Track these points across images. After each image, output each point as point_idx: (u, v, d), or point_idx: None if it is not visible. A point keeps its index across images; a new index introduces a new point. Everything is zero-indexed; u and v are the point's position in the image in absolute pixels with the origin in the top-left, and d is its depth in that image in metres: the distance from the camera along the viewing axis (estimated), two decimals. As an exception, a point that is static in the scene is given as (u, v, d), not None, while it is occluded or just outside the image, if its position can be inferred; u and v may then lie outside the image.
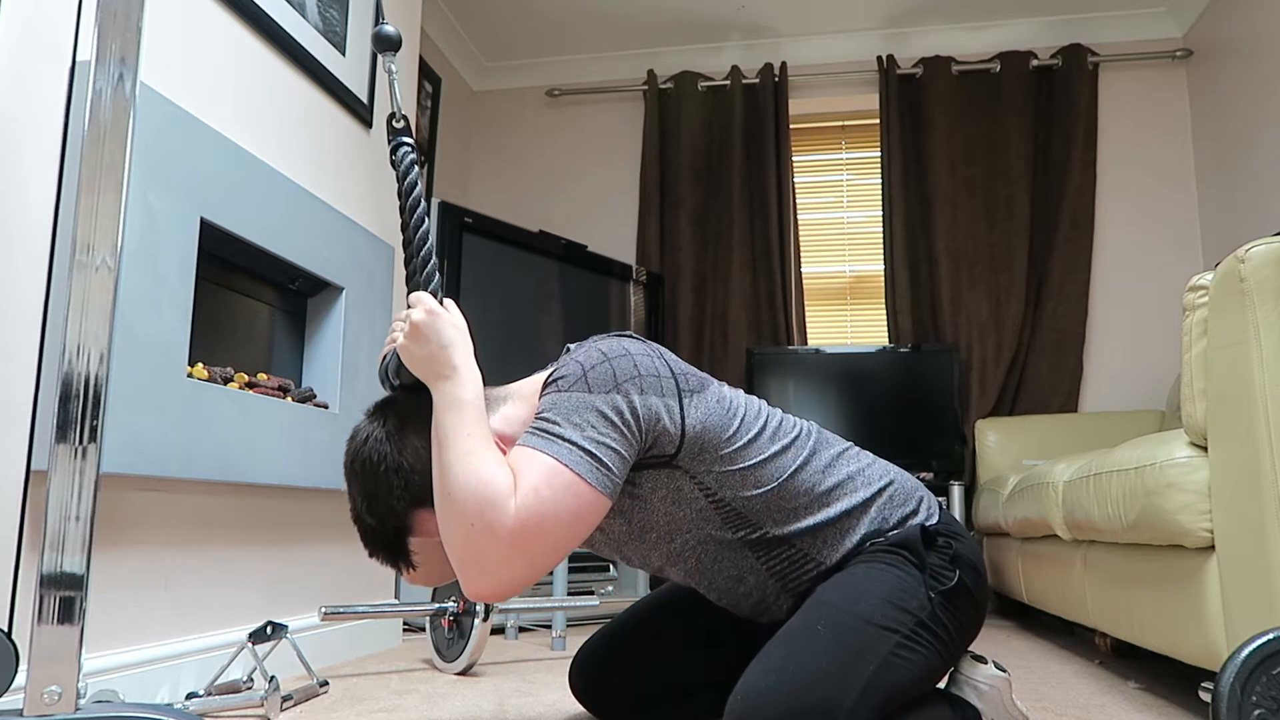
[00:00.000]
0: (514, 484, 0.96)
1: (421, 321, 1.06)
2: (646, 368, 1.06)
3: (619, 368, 1.04)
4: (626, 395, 1.02)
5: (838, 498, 1.13)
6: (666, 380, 1.07)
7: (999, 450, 3.39)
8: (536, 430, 1.01)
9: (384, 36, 1.23)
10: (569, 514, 0.97)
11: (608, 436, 1.00)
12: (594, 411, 1.01)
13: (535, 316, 3.22)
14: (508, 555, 0.95)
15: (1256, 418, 1.26)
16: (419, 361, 1.07)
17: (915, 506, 1.17)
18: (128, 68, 1.15)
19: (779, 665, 0.98)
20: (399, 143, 1.21)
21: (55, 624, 1.06)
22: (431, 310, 1.07)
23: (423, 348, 1.06)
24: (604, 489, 1.00)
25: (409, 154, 1.20)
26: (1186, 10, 3.61)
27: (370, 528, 1.10)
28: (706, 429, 1.08)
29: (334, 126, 2.19)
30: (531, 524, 0.95)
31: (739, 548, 1.13)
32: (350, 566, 2.21)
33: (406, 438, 1.09)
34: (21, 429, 1.29)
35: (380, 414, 1.13)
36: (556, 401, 1.02)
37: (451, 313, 1.10)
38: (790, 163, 3.82)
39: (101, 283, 1.12)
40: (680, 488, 1.09)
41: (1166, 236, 3.63)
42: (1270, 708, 0.98)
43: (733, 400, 1.14)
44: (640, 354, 1.08)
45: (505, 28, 3.90)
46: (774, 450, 1.12)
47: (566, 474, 0.98)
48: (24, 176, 1.32)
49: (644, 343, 1.12)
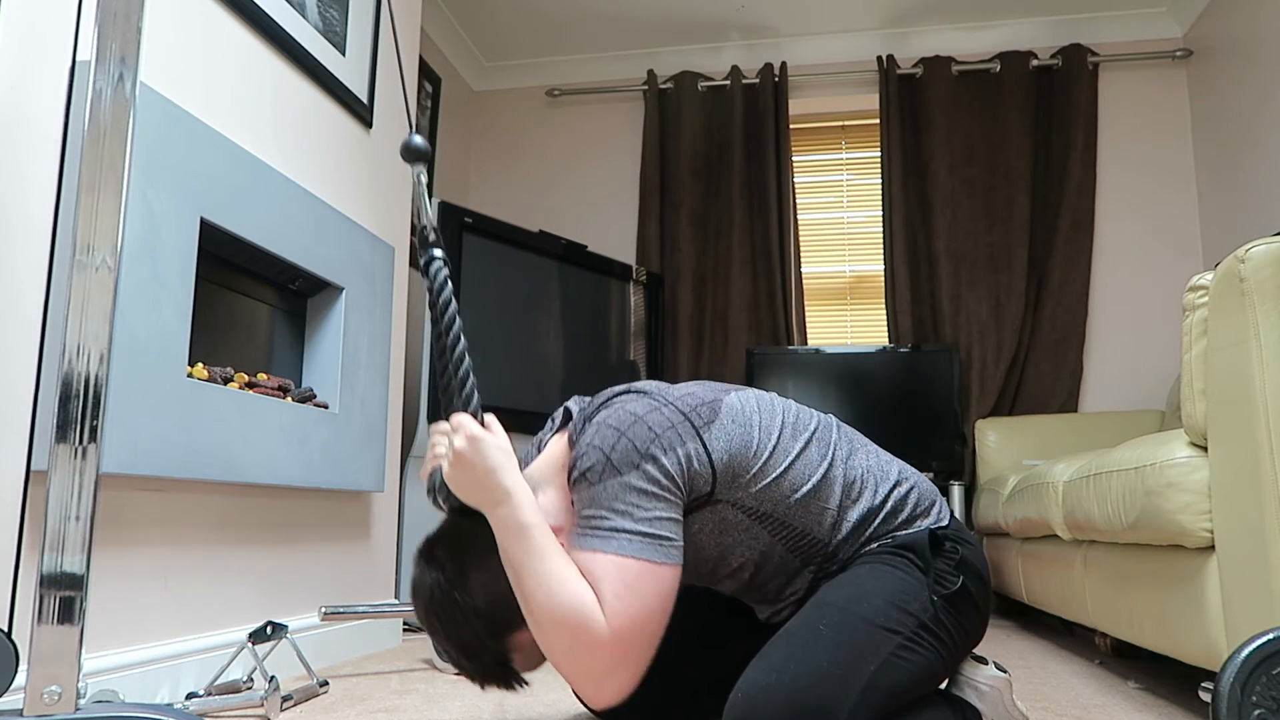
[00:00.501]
0: (596, 597, 0.97)
1: (465, 450, 1.05)
2: (661, 424, 1.05)
3: (637, 438, 1.03)
4: (655, 460, 1.02)
5: (860, 492, 1.14)
6: (682, 426, 1.06)
7: (999, 450, 3.39)
8: (589, 530, 1.01)
9: (413, 148, 1.21)
10: (657, 600, 0.99)
11: (655, 509, 1.01)
12: (633, 491, 1.00)
13: (535, 316, 3.22)
14: (614, 664, 0.97)
15: (1256, 418, 1.26)
16: (468, 490, 1.05)
17: (928, 507, 1.17)
18: (128, 68, 1.15)
19: (779, 664, 0.98)
20: (431, 257, 1.17)
21: (55, 624, 1.06)
22: (473, 436, 1.05)
23: (470, 476, 1.05)
24: (673, 560, 1.00)
25: (442, 269, 1.16)
26: (1186, 10, 3.61)
27: (474, 670, 1.10)
28: (733, 454, 1.07)
29: (334, 126, 2.19)
30: (627, 628, 0.97)
31: (789, 559, 1.13)
32: (350, 566, 2.21)
33: (469, 576, 1.08)
34: (21, 429, 1.29)
35: (434, 559, 1.11)
36: (594, 496, 1.01)
37: (494, 431, 1.08)
38: (790, 163, 3.82)
39: (101, 283, 1.12)
40: (725, 517, 1.09)
41: (1166, 236, 3.63)
42: (1270, 708, 0.98)
43: (744, 408, 1.13)
44: (650, 412, 1.06)
45: (505, 28, 3.90)
46: (799, 447, 1.12)
47: (636, 565, 0.98)
48: (24, 176, 1.32)
49: (647, 396, 1.10)
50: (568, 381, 3.31)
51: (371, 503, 2.32)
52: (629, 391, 1.12)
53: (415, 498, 2.86)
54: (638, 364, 3.59)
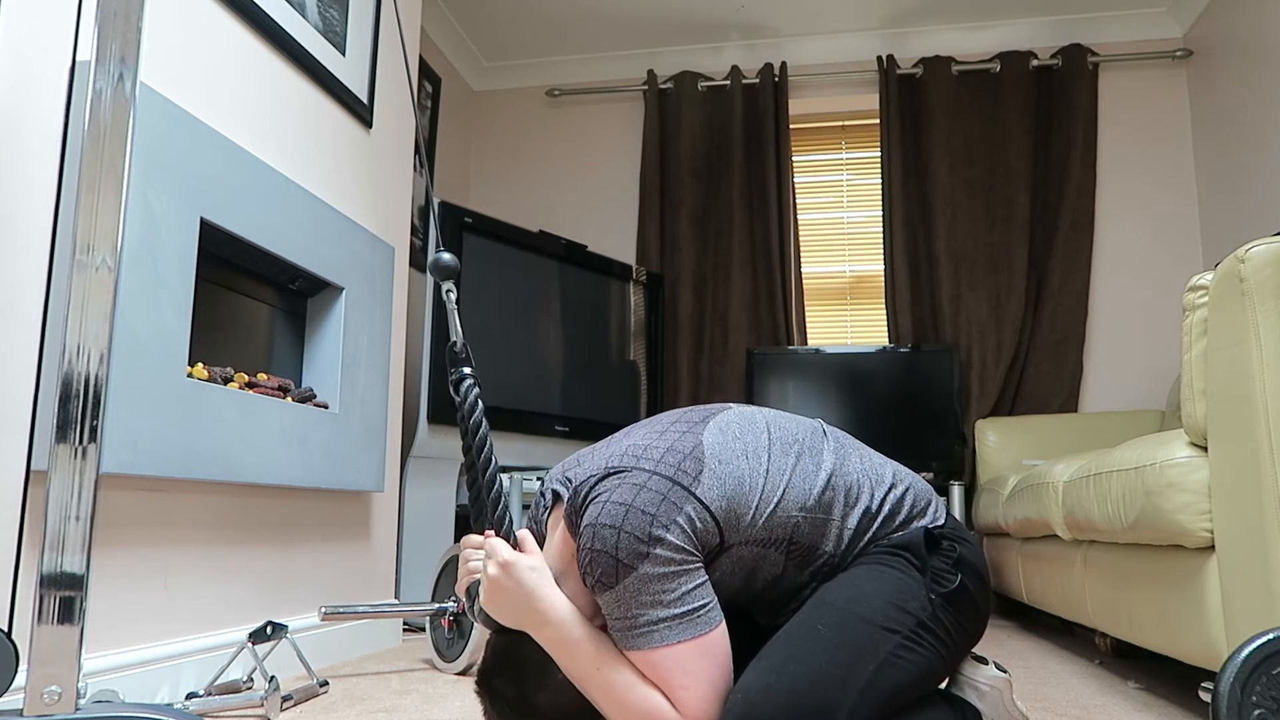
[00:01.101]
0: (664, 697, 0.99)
1: (499, 578, 1.05)
2: (651, 502, 1.03)
3: (635, 528, 1.01)
4: (660, 541, 1.01)
5: (857, 496, 1.13)
6: (674, 491, 1.04)
7: (999, 450, 3.39)
8: (628, 632, 1.01)
9: (443, 265, 1.22)
10: (718, 670, 1.00)
11: (680, 586, 1.01)
12: (652, 580, 1.00)
13: (535, 316, 3.22)
14: None
15: (1256, 418, 1.26)
16: (510, 615, 1.06)
17: (924, 507, 1.17)
18: (128, 68, 1.15)
19: (779, 665, 0.98)
20: (461, 375, 1.16)
21: (55, 624, 1.06)
22: (505, 563, 1.06)
23: (509, 602, 1.05)
24: (715, 624, 1.01)
25: (473, 389, 1.15)
26: (1186, 10, 3.61)
27: None
28: (730, 497, 1.06)
29: (334, 126, 2.19)
30: (701, 710, 0.98)
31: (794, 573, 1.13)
32: (350, 566, 2.21)
33: (532, 698, 1.08)
34: (21, 429, 1.29)
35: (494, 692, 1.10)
36: (620, 597, 1.01)
37: (527, 549, 1.08)
38: (790, 163, 3.82)
39: (101, 283, 1.12)
40: (741, 556, 1.09)
41: (1166, 236, 3.63)
42: (1270, 708, 0.98)
43: (725, 440, 1.11)
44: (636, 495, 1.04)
45: (505, 28, 3.90)
46: (791, 462, 1.11)
47: (686, 647, 0.99)
48: (24, 176, 1.32)
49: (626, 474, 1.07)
50: (568, 382, 3.31)
51: (371, 503, 2.32)
52: (609, 475, 1.09)
53: (415, 498, 2.86)
54: (638, 364, 3.59)
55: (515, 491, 2.94)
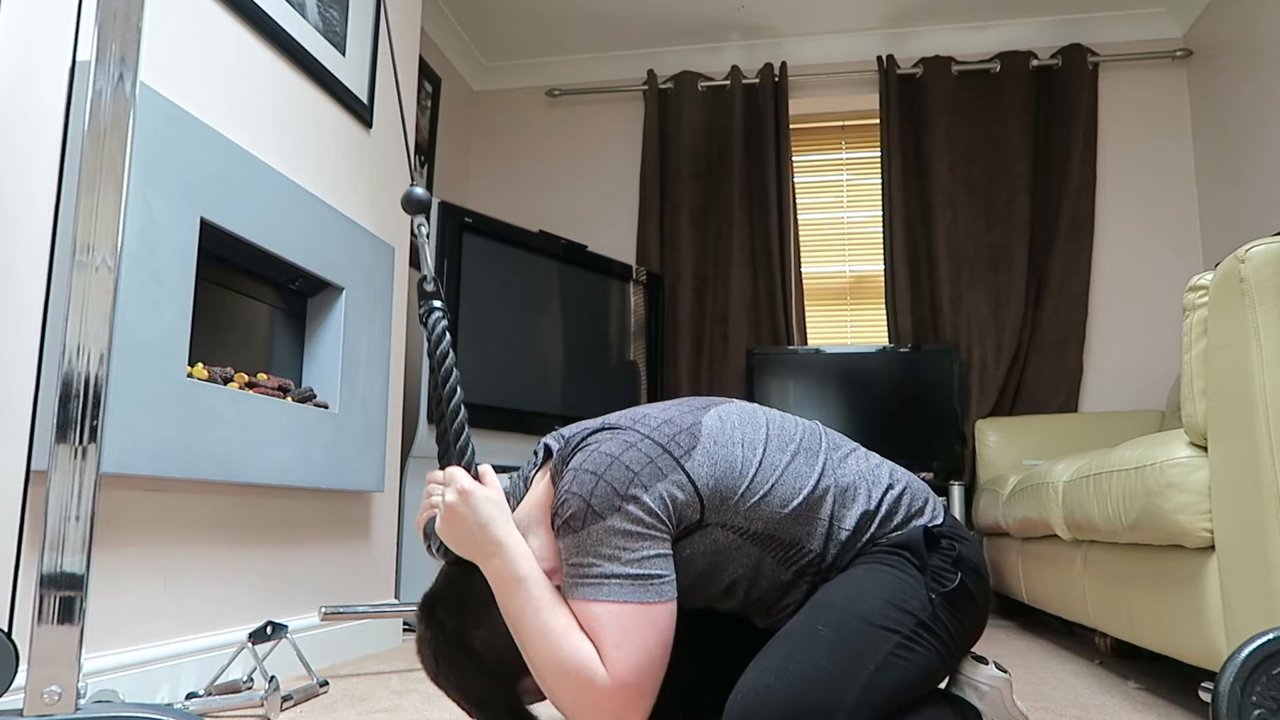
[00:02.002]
0: (595, 648, 0.97)
1: (455, 504, 1.05)
2: (638, 461, 1.04)
3: (615, 479, 1.02)
4: (636, 499, 1.01)
5: (853, 499, 1.13)
6: (661, 459, 1.05)
7: (999, 450, 3.39)
8: (578, 579, 1.00)
9: (414, 199, 1.22)
10: (656, 642, 0.99)
11: (642, 549, 1.00)
12: (617, 534, 1.00)
13: (535, 316, 3.22)
14: (621, 708, 0.97)
15: (1256, 418, 1.26)
16: (462, 545, 1.06)
17: (921, 507, 1.17)
18: (128, 68, 1.15)
19: (779, 665, 0.98)
20: (430, 307, 1.17)
21: (55, 624, 1.06)
22: (464, 490, 1.06)
23: (462, 529, 1.05)
24: (667, 596, 1.00)
25: (441, 320, 1.17)
26: (1186, 10, 3.61)
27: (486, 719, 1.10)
28: (717, 478, 1.06)
29: (334, 126, 2.19)
30: (630, 676, 0.97)
31: (782, 572, 1.13)
32: (350, 566, 2.21)
33: (470, 633, 1.08)
34: (21, 429, 1.29)
35: (432, 617, 1.10)
36: (580, 543, 1.01)
37: (487, 483, 1.08)
38: (790, 163, 3.82)
39: (101, 283, 1.12)
40: (716, 539, 1.09)
41: (1166, 236, 3.63)
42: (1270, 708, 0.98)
43: (725, 426, 1.11)
44: (626, 450, 1.05)
45: (505, 28, 3.90)
46: (785, 460, 1.11)
47: (630, 609, 0.98)
48: (24, 176, 1.32)
49: (621, 431, 1.08)
50: (568, 381, 3.31)
51: (371, 503, 2.32)
52: (604, 429, 1.10)
53: (415, 498, 2.86)
54: (638, 364, 3.59)
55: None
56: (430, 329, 1.17)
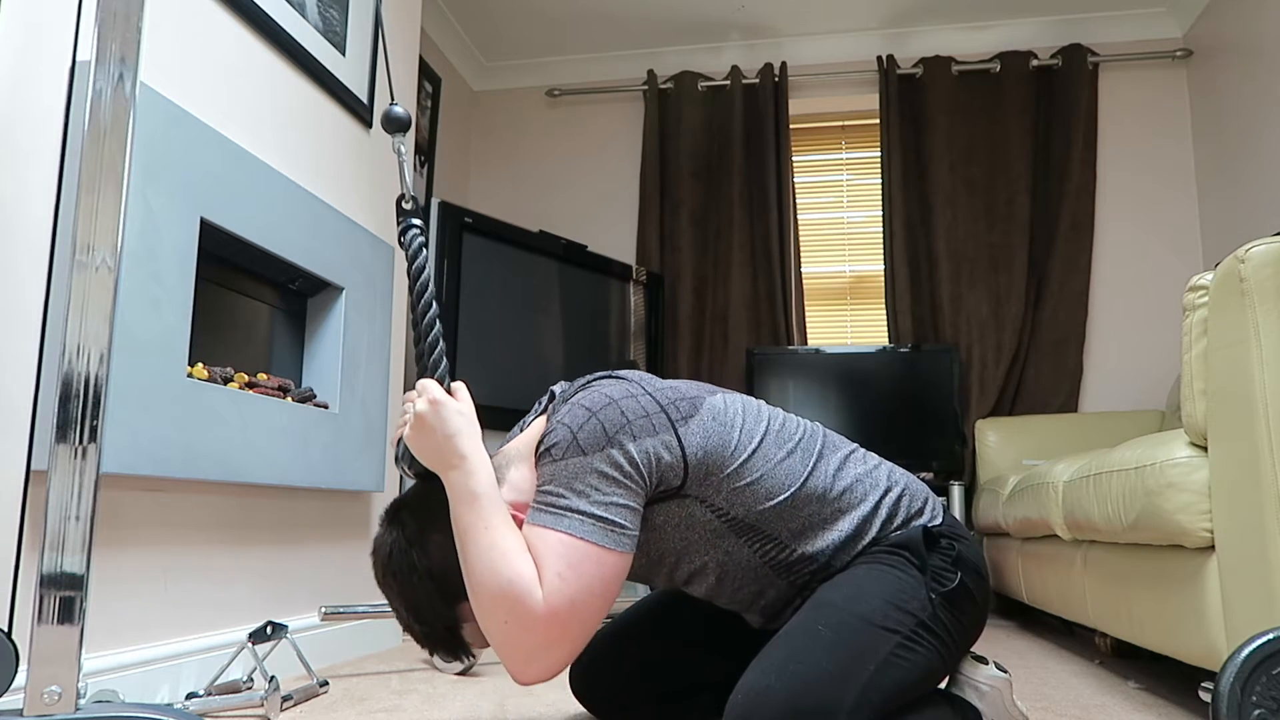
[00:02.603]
0: (537, 573, 0.97)
1: (425, 413, 1.06)
2: (634, 410, 1.05)
3: (607, 420, 1.03)
4: (621, 446, 1.01)
5: (850, 503, 1.13)
6: (657, 416, 1.05)
7: (999, 450, 3.39)
8: (542, 506, 1.00)
9: (393, 117, 1.22)
10: (598, 584, 0.98)
11: (613, 495, 1.00)
12: (594, 473, 1.00)
13: (535, 316, 3.22)
14: (547, 643, 0.96)
15: (1256, 418, 1.26)
16: (426, 452, 1.06)
17: (921, 507, 1.17)
18: (128, 68, 1.15)
19: (779, 665, 0.98)
20: (408, 224, 1.19)
21: (55, 624, 1.06)
22: (435, 400, 1.06)
23: (429, 439, 1.05)
24: (623, 548, 1.00)
25: (418, 237, 1.19)
26: (1186, 10, 3.61)
27: (423, 633, 1.10)
28: (708, 451, 1.07)
29: (334, 126, 2.19)
30: (563, 608, 0.96)
31: (758, 564, 1.12)
32: (350, 566, 2.21)
33: (428, 538, 1.08)
34: (21, 429, 1.29)
35: (396, 520, 1.11)
36: (555, 472, 1.01)
37: (459, 398, 1.09)
38: (790, 163, 3.82)
39: (101, 283, 1.12)
40: (692, 513, 1.09)
41: (1166, 236, 3.63)
42: (1270, 708, 0.98)
43: (728, 410, 1.12)
44: (624, 398, 1.06)
45: (505, 28, 3.90)
46: (780, 456, 1.11)
47: (583, 546, 0.97)
48: (24, 176, 1.32)
49: (626, 381, 1.10)
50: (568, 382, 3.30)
51: (371, 503, 2.32)
52: (611, 376, 1.12)
53: (415, 498, 2.86)
54: (638, 364, 3.59)
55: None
56: (408, 246, 1.18)
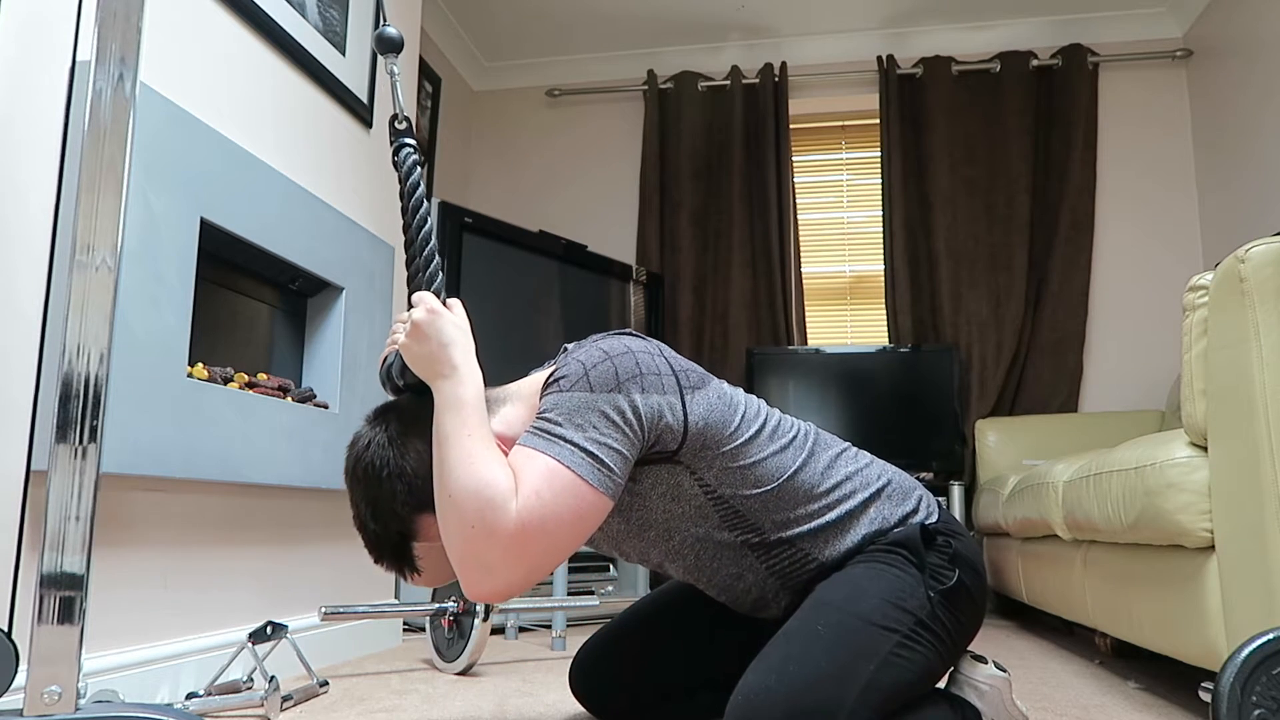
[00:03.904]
0: (515, 486, 0.96)
1: (422, 320, 1.06)
2: (648, 365, 1.06)
3: (621, 366, 1.04)
4: (628, 394, 1.02)
5: (838, 499, 1.13)
6: (668, 378, 1.07)
7: (999, 450, 3.39)
8: (538, 430, 1.01)
9: (386, 38, 1.23)
10: (571, 515, 0.97)
11: (610, 437, 1.00)
12: (596, 412, 1.00)
13: (535, 316, 3.22)
14: (507, 557, 0.95)
15: (1256, 418, 1.26)
16: (420, 360, 1.06)
17: (915, 505, 1.17)
18: (128, 68, 1.15)
19: (779, 665, 0.98)
20: (401, 143, 1.20)
21: (55, 624, 1.06)
22: (433, 309, 1.07)
23: (424, 346, 1.06)
24: (606, 490, 0.99)
25: (411, 154, 1.20)
26: (1186, 10, 3.61)
27: (374, 534, 1.10)
28: (709, 424, 1.07)
29: (334, 126, 2.19)
30: (532, 526, 0.95)
31: (737, 548, 1.13)
32: (350, 566, 2.21)
33: (409, 441, 1.09)
34: (21, 429, 1.29)
35: (382, 419, 1.12)
36: (558, 401, 1.02)
37: (455, 312, 1.10)
38: (790, 163, 3.82)
39: (101, 283, 1.12)
40: (680, 483, 1.09)
41: (1166, 236, 3.63)
42: (1270, 708, 0.98)
43: (733, 396, 1.14)
44: (641, 351, 1.07)
45: (505, 28, 3.90)
46: (773, 449, 1.12)
47: (567, 475, 0.97)
48: (24, 176, 1.32)
49: (645, 340, 1.11)
50: (568, 381, 3.31)
51: (371, 503, 2.32)
52: (631, 334, 1.13)
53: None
54: (638, 364, 3.59)
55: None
56: (401, 164, 1.20)
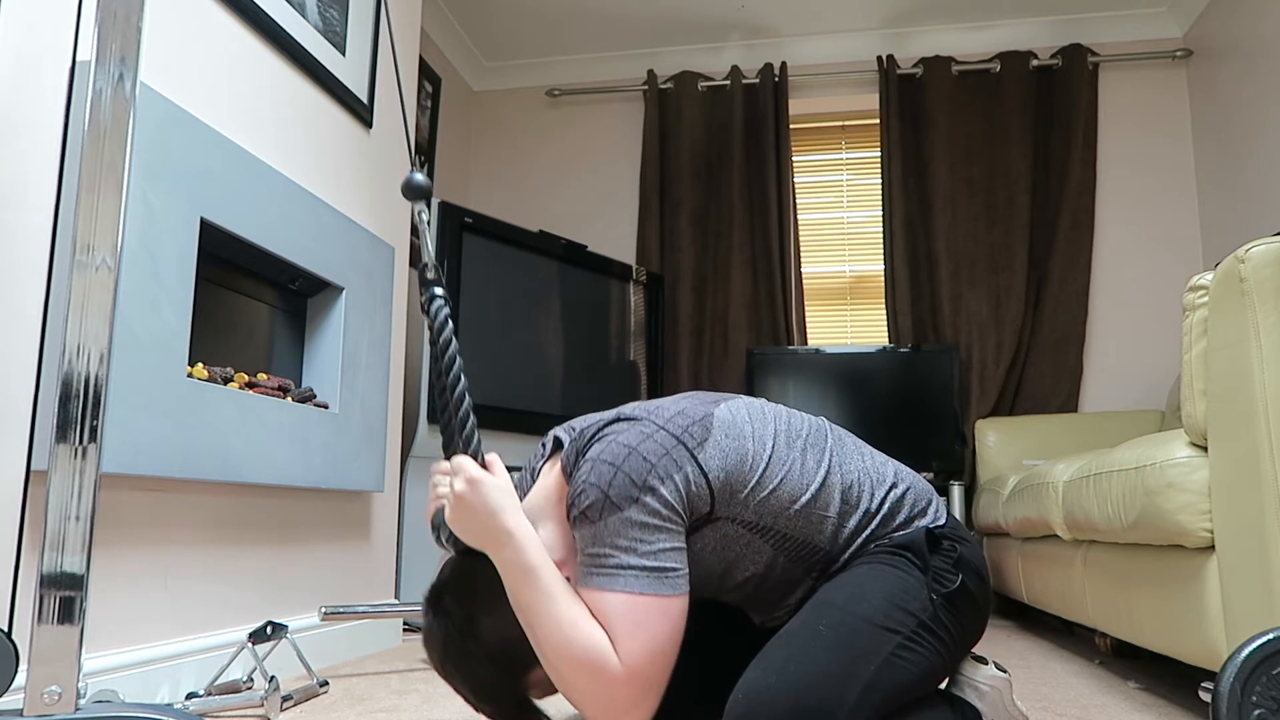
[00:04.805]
0: (608, 636, 0.97)
1: (465, 493, 1.04)
2: (654, 452, 1.04)
3: (633, 470, 1.02)
4: (653, 491, 1.01)
5: (858, 498, 1.13)
6: (676, 450, 1.05)
7: (999, 450, 3.39)
8: (595, 569, 1.00)
9: (415, 185, 1.22)
10: (667, 633, 0.99)
11: (658, 541, 1.00)
12: (634, 526, 1.00)
13: (535, 316, 3.22)
14: (632, 694, 0.97)
15: (1256, 418, 1.26)
16: (472, 534, 1.05)
17: (924, 508, 1.17)
18: (128, 68, 1.15)
19: (780, 665, 0.98)
20: (432, 295, 1.17)
21: (55, 624, 1.06)
22: (473, 479, 1.05)
23: (472, 519, 1.04)
24: (680, 590, 1.00)
25: (443, 307, 1.16)
26: (1186, 10, 3.61)
27: (493, 713, 1.10)
28: (729, 470, 1.06)
29: (334, 126, 2.19)
30: (642, 664, 0.97)
31: (790, 567, 1.13)
32: (350, 566, 2.21)
33: (479, 622, 1.07)
34: (21, 429, 1.29)
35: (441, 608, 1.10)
36: (597, 534, 1.01)
37: (495, 472, 1.08)
38: (790, 163, 3.82)
39: (101, 283, 1.12)
40: (726, 533, 1.09)
41: (1166, 236, 3.63)
42: (1270, 708, 0.98)
43: (735, 419, 1.11)
44: (642, 442, 1.05)
45: (505, 28, 3.90)
46: (794, 455, 1.11)
47: (645, 600, 0.98)
48: (24, 176, 1.32)
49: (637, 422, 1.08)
50: (568, 381, 3.31)
51: (371, 503, 2.32)
52: (618, 420, 1.10)
53: (415, 498, 2.86)
54: (638, 364, 3.59)
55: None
56: (433, 317, 1.16)
